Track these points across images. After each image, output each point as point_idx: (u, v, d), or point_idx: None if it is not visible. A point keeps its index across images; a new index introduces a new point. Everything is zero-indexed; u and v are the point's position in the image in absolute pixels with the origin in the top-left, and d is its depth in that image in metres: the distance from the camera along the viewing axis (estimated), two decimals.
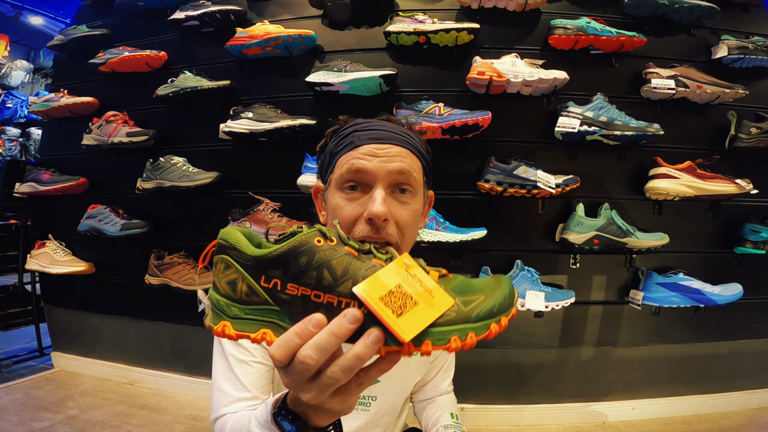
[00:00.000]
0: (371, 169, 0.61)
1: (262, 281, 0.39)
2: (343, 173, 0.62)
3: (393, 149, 0.63)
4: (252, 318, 0.39)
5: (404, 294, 0.36)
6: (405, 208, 0.62)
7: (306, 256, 0.38)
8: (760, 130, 1.62)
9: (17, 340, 2.39)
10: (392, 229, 0.60)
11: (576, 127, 1.56)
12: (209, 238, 1.30)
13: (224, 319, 0.39)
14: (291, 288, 0.38)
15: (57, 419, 1.68)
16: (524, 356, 1.76)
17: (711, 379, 1.81)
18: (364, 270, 0.38)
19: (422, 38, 1.65)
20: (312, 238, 0.39)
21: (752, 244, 1.65)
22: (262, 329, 0.39)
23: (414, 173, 0.64)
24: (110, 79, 2.03)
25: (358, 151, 0.62)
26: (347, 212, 0.61)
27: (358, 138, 0.64)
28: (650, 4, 1.67)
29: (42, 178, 2.02)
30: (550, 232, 1.67)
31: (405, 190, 0.63)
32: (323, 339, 0.35)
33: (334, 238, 0.39)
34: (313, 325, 0.36)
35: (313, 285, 0.38)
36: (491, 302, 0.39)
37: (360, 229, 0.60)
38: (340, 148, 0.65)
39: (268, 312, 0.39)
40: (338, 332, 0.35)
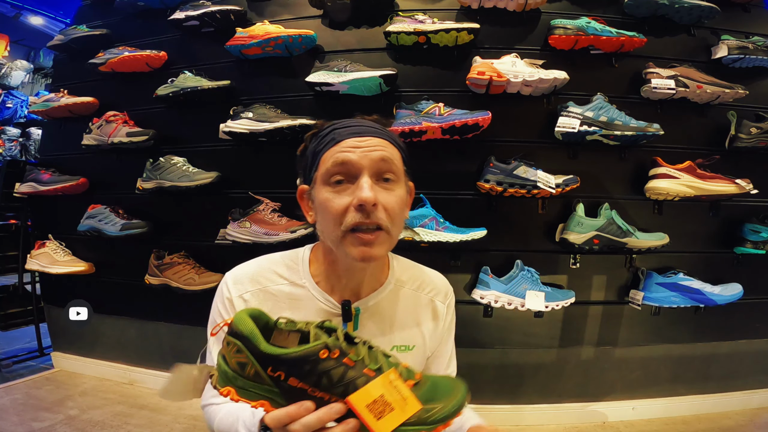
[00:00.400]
0: (355, 160, 0.64)
1: (269, 371, 0.47)
2: (329, 167, 0.65)
3: (373, 140, 0.66)
4: (254, 392, 0.48)
5: (385, 402, 0.47)
6: (391, 194, 0.65)
7: (310, 365, 0.47)
8: (760, 130, 1.62)
9: (17, 340, 2.39)
10: (381, 214, 0.63)
11: (576, 127, 1.56)
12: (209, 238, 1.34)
13: (230, 386, 0.48)
14: (293, 381, 0.47)
15: (57, 419, 1.68)
16: (524, 356, 1.76)
17: (711, 379, 1.81)
18: (356, 379, 0.48)
19: (422, 38, 1.65)
20: (318, 350, 0.47)
21: (752, 244, 1.65)
22: (261, 400, 0.48)
23: (395, 162, 0.67)
24: (110, 79, 2.03)
25: (341, 145, 0.65)
26: (337, 204, 0.63)
27: (339, 134, 0.66)
28: (650, 4, 1.67)
29: (42, 178, 2.02)
30: (550, 232, 1.67)
31: (388, 178, 0.66)
32: (312, 421, 0.47)
33: (336, 351, 0.48)
34: (304, 410, 0.47)
35: (311, 384, 0.47)
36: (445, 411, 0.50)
37: (351, 217, 0.62)
38: (323, 146, 0.67)
39: (268, 390, 0.48)
40: (324, 419, 0.47)
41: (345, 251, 0.64)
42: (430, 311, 0.82)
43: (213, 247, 1.81)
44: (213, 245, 1.80)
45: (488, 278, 1.59)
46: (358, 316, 0.73)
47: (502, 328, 1.73)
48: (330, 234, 0.66)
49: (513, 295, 1.56)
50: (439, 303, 0.83)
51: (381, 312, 0.76)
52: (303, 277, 0.75)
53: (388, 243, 0.66)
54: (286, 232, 1.65)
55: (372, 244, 0.63)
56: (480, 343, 1.73)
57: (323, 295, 0.73)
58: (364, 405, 0.46)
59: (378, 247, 0.64)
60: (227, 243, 1.74)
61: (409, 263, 0.85)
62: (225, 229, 1.74)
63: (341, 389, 0.47)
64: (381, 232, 0.64)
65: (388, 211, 0.64)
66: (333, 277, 0.73)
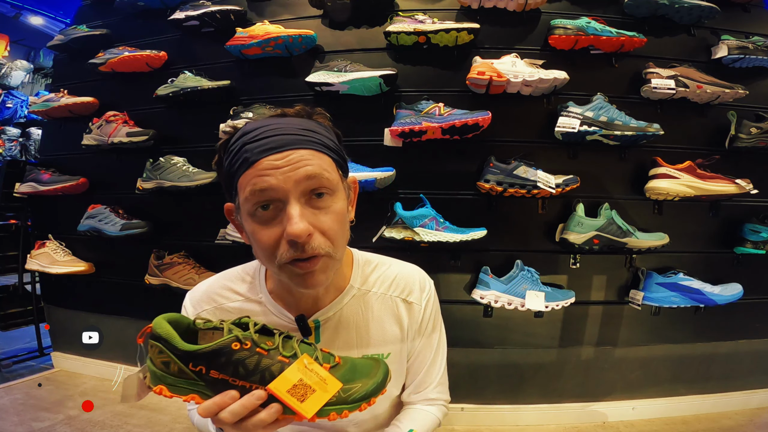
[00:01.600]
0: (276, 185, 0.54)
1: (190, 366, 0.51)
2: (247, 196, 0.56)
3: (294, 155, 0.55)
4: (183, 387, 0.52)
5: (305, 385, 0.51)
6: (327, 214, 0.57)
7: (225, 356, 0.51)
8: (760, 130, 1.62)
9: (17, 340, 2.39)
10: (318, 241, 0.56)
11: (576, 127, 1.56)
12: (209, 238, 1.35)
13: (161, 384, 0.52)
14: (213, 373, 0.51)
15: (57, 419, 1.68)
16: (524, 356, 1.76)
17: (711, 379, 1.81)
18: (271, 366, 0.51)
19: (422, 38, 1.65)
20: (229, 342, 0.51)
21: (752, 244, 1.65)
22: (191, 394, 0.52)
23: (326, 173, 0.57)
24: (110, 79, 2.03)
25: (256, 168, 0.55)
26: (265, 238, 0.56)
27: (251, 153, 0.56)
28: (650, 4, 1.67)
29: (42, 178, 2.02)
30: (550, 232, 1.67)
31: (321, 194, 0.57)
32: (237, 408, 0.50)
33: (248, 342, 0.52)
34: (229, 398, 0.50)
35: (230, 374, 0.51)
36: (364, 390, 0.53)
37: (284, 252, 0.55)
38: (236, 168, 0.57)
39: (195, 384, 0.52)
40: (248, 405, 0.50)
41: (286, 281, 0.60)
42: (404, 312, 0.75)
43: (213, 247, 1.81)
44: (213, 245, 1.80)
45: (488, 278, 1.59)
46: (318, 328, 0.69)
47: (502, 328, 1.73)
48: (267, 264, 0.61)
49: (513, 295, 1.56)
50: (414, 301, 0.75)
51: (345, 321, 0.71)
52: (260, 291, 0.71)
53: (332, 265, 0.60)
54: None
55: (313, 273, 0.57)
56: (480, 343, 1.73)
57: (279, 310, 0.69)
58: (284, 390, 0.50)
59: (321, 274, 0.58)
60: (227, 243, 1.74)
61: (373, 261, 0.77)
62: (225, 229, 1.74)
63: (258, 376, 0.51)
64: (321, 258, 0.57)
65: (327, 234, 0.57)
66: (286, 293, 0.69)
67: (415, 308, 0.76)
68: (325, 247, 0.57)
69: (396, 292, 0.75)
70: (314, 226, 0.56)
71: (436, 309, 0.79)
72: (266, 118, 0.61)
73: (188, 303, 0.75)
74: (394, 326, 0.74)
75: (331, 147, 0.61)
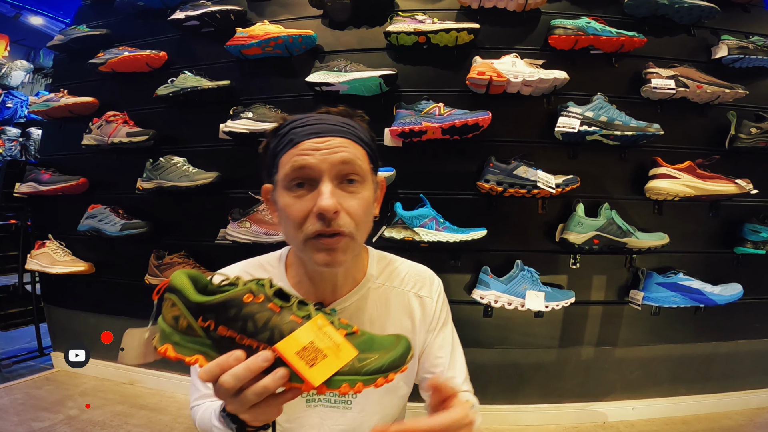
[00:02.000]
0: (314, 164, 0.61)
1: (199, 321, 0.48)
2: (287, 172, 0.62)
3: (333, 141, 0.62)
4: (189, 346, 0.48)
5: (316, 348, 0.46)
6: (355, 198, 0.63)
7: (235, 308, 0.47)
8: (760, 130, 1.62)
9: (17, 340, 2.39)
10: (344, 220, 0.61)
11: (576, 127, 1.56)
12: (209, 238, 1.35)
13: (167, 343, 0.48)
14: (221, 329, 0.47)
15: (57, 419, 1.68)
16: (524, 356, 1.76)
17: (711, 379, 1.81)
18: (281, 324, 0.47)
19: (422, 38, 1.65)
20: (242, 294, 0.48)
21: (752, 244, 1.65)
22: (195, 355, 0.48)
23: (359, 161, 0.63)
24: (110, 79, 2.03)
25: (299, 147, 0.62)
26: (297, 210, 0.61)
27: (296, 135, 0.63)
28: (650, 4, 1.67)
29: (42, 178, 2.02)
30: (550, 232, 1.67)
31: (353, 180, 0.63)
32: (240, 371, 0.45)
33: (261, 295, 0.48)
34: (233, 359, 0.46)
35: (238, 330, 0.47)
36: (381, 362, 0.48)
37: (311, 225, 0.60)
38: (281, 148, 0.64)
39: (201, 344, 0.48)
40: (253, 367, 0.45)
41: (309, 256, 0.63)
42: (416, 306, 0.78)
43: (213, 247, 1.81)
44: (213, 245, 1.80)
45: (488, 278, 1.59)
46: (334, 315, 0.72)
47: (502, 328, 1.73)
48: (292, 239, 0.65)
49: (513, 295, 1.56)
50: (425, 296, 0.79)
51: (360, 312, 0.74)
52: (280, 280, 0.73)
53: (353, 247, 0.64)
54: None
55: (335, 250, 0.61)
56: (480, 343, 1.73)
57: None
58: (293, 352, 0.45)
59: (342, 253, 0.62)
60: (227, 243, 1.74)
61: (388, 258, 0.82)
62: (225, 229, 1.74)
63: (267, 334, 0.46)
64: (344, 237, 0.61)
65: (352, 216, 0.62)
66: (306, 280, 0.72)
67: (426, 302, 0.79)
68: (349, 226, 0.61)
69: (408, 286, 0.79)
70: (342, 206, 0.61)
71: (446, 305, 0.83)
72: (312, 113, 0.67)
73: None
74: (406, 320, 0.77)
75: (366, 141, 0.67)
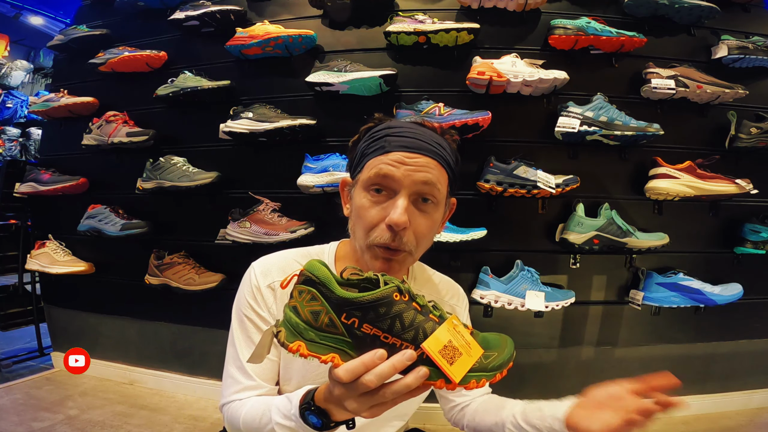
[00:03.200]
0: (398, 177, 0.63)
1: (342, 318, 0.46)
2: (371, 176, 0.64)
3: (422, 159, 0.64)
4: (325, 344, 0.47)
5: (453, 347, 0.48)
6: (425, 218, 0.65)
7: (385, 307, 0.47)
8: (760, 130, 1.62)
9: (17, 340, 2.39)
10: (409, 237, 0.63)
11: (576, 127, 1.56)
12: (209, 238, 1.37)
13: (300, 340, 0.47)
14: (366, 327, 0.47)
15: (57, 419, 1.68)
16: (524, 356, 1.76)
17: (711, 379, 1.81)
18: (424, 324, 0.48)
19: (422, 38, 1.65)
20: (392, 293, 0.47)
21: (752, 244, 1.65)
22: (331, 353, 0.47)
23: (439, 185, 0.65)
24: (110, 79, 2.03)
25: (388, 156, 0.64)
26: (371, 215, 0.64)
27: (389, 143, 0.65)
28: (650, 4, 1.67)
29: (42, 178, 2.02)
30: (550, 232, 1.67)
31: (428, 200, 0.65)
32: (385, 369, 0.45)
33: (406, 294, 0.49)
34: (378, 357, 0.45)
35: (385, 329, 0.47)
36: (501, 359, 0.52)
37: (380, 232, 0.63)
38: (371, 150, 0.66)
39: (340, 341, 0.47)
40: (398, 365, 0.45)
41: (366, 260, 0.66)
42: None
43: (213, 247, 1.81)
44: (213, 245, 1.80)
45: (488, 278, 1.59)
46: None
47: (502, 328, 1.71)
48: (358, 239, 0.67)
49: (513, 295, 1.56)
50: (457, 304, 0.86)
51: None
52: None
53: (409, 261, 0.67)
54: (286, 232, 1.65)
55: (392, 262, 0.65)
56: None
57: None
58: (437, 350, 0.47)
59: (398, 265, 0.65)
60: (227, 243, 1.74)
61: (425, 268, 0.87)
62: (225, 229, 1.74)
63: (412, 333, 0.47)
64: (404, 253, 0.64)
65: (417, 235, 0.64)
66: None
67: (457, 311, 0.85)
68: (411, 245, 0.64)
69: (442, 293, 0.85)
70: (411, 223, 0.63)
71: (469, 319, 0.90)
72: (409, 122, 0.70)
73: (258, 271, 0.74)
74: None
75: (452, 166, 0.69)
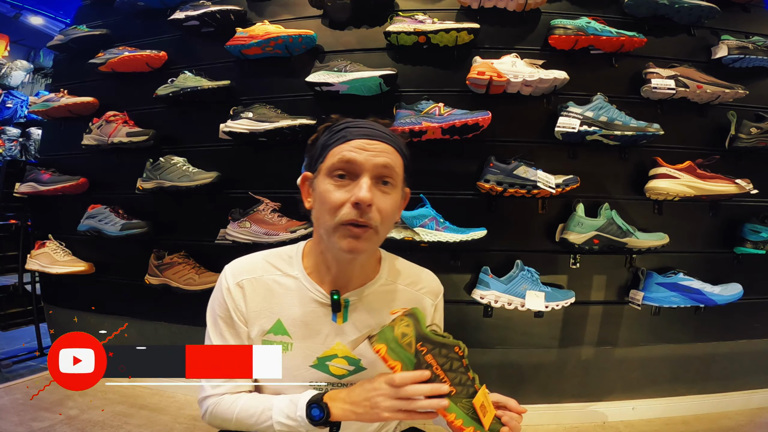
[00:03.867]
0: (360, 161, 0.69)
1: (418, 345, 0.66)
2: (335, 162, 0.70)
3: (380, 145, 0.71)
4: (398, 354, 0.66)
5: (484, 406, 0.67)
6: (387, 198, 0.71)
7: (447, 350, 0.67)
8: (760, 130, 1.62)
9: (17, 340, 2.39)
10: (374, 214, 0.69)
11: (576, 127, 1.56)
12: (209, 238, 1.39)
13: (384, 344, 0.66)
14: (428, 357, 0.66)
15: (57, 419, 1.68)
16: (524, 356, 1.76)
17: (711, 379, 1.81)
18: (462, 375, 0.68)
19: (422, 38, 1.65)
20: (455, 344, 0.68)
21: (752, 244, 1.65)
22: (398, 362, 0.66)
23: (396, 169, 0.73)
24: (110, 79, 2.03)
25: (350, 144, 0.70)
26: (336, 197, 0.69)
27: (350, 133, 0.72)
28: (650, 4, 1.67)
29: (42, 178, 2.02)
30: (550, 232, 1.67)
31: (387, 182, 0.72)
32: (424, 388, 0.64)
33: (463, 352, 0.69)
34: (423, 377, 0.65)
35: (440, 363, 0.66)
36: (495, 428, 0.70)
37: (346, 210, 0.68)
38: (333, 141, 0.72)
39: (407, 358, 0.66)
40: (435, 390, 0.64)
41: (334, 241, 0.70)
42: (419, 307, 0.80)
43: (213, 247, 1.81)
44: (213, 245, 1.80)
45: (488, 278, 1.59)
46: (347, 307, 0.78)
47: (502, 328, 1.72)
48: (324, 223, 0.71)
49: (513, 295, 1.56)
50: (427, 300, 0.86)
51: (370, 305, 0.80)
52: (296, 269, 0.80)
53: (375, 240, 0.72)
54: (286, 232, 1.65)
55: (360, 238, 0.69)
56: (480, 343, 1.73)
57: (314, 286, 0.78)
58: (479, 405, 0.67)
59: (365, 242, 0.70)
60: (227, 243, 1.74)
61: (404, 263, 0.88)
62: (225, 229, 1.74)
63: (452, 375, 0.66)
64: (370, 229, 0.70)
65: (381, 213, 0.70)
66: (323, 269, 0.78)
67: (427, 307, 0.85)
68: (377, 221, 0.70)
69: (417, 287, 0.85)
70: (375, 202, 0.69)
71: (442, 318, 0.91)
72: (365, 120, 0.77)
73: (228, 273, 0.80)
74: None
75: (405, 154, 0.77)
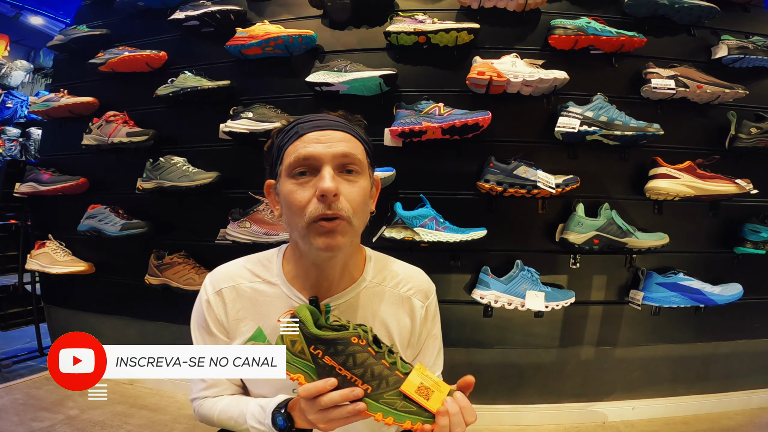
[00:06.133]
0: (317, 154, 0.66)
1: (311, 348, 0.61)
2: (292, 161, 0.67)
3: (335, 134, 0.69)
4: (296, 365, 0.61)
5: (426, 387, 0.61)
6: (353, 186, 0.68)
7: (342, 345, 0.60)
8: (760, 130, 1.62)
9: (17, 340, 2.39)
10: (343, 204, 0.66)
11: (576, 127, 1.56)
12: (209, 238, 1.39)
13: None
14: (327, 359, 0.60)
15: (57, 419, 1.68)
16: (524, 356, 1.76)
17: (711, 379, 1.81)
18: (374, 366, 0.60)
19: (422, 38, 1.65)
20: (350, 336, 0.60)
21: (752, 244, 1.65)
22: (299, 374, 0.61)
23: (358, 155, 0.69)
24: (110, 79, 2.03)
25: (303, 139, 0.68)
26: (300, 196, 0.66)
27: (301, 128, 0.69)
28: (650, 4, 1.67)
29: (42, 178, 2.02)
30: (550, 232, 1.67)
31: (351, 170, 0.69)
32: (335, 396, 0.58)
33: (365, 340, 0.61)
34: (330, 384, 0.59)
35: (340, 362, 0.60)
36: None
37: (313, 207, 0.65)
38: (286, 141, 0.70)
39: (307, 366, 0.61)
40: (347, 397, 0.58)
41: (309, 242, 0.67)
42: (407, 308, 0.80)
43: (213, 247, 1.81)
44: (213, 245, 1.80)
45: (488, 278, 1.59)
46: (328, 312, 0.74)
47: (502, 328, 1.73)
48: (295, 226, 0.68)
49: (513, 295, 1.56)
50: (416, 301, 0.81)
51: (354, 309, 0.76)
52: (276, 275, 0.77)
53: (351, 232, 0.68)
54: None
55: (334, 234, 0.66)
56: (480, 343, 1.73)
57: (293, 292, 0.75)
58: (413, 391, 0.60)
59: (340, 237, 0.66)
60: (227, 243, 1.74)
61: (388, 260, 0.84)
62: (225, 229, 1.74)
63: (361, 371, 0.59)
64: (342, 221, 0.66)
65: (351, 202, 0.67)
66: (303, 274, 0.75)
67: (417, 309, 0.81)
68: (348, 211, 0.66)
69: (404, 288, 0.81)
70: (341, 192, 0.66)
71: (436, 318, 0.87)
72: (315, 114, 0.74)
73: (208, 282, 0.80)
74: (397, 320, 0.79)
75: (364, 139, 0.74)
